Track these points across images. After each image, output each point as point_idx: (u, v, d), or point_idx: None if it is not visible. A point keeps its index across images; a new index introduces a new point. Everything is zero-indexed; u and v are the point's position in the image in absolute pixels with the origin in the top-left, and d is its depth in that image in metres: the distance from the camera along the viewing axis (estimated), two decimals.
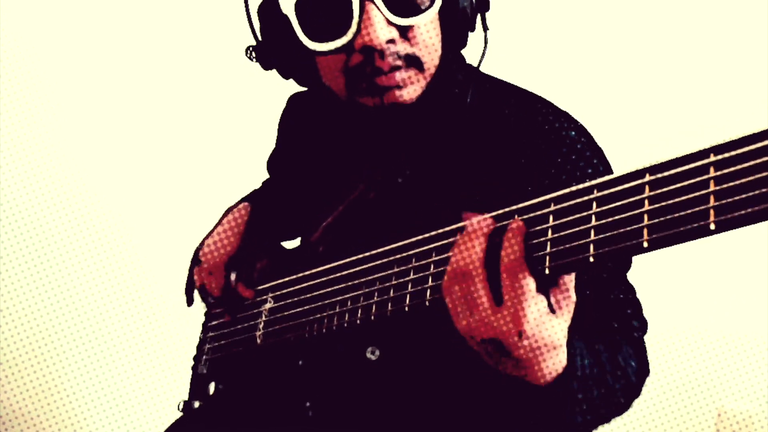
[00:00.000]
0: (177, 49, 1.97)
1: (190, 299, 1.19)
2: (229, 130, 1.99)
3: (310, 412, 1.02)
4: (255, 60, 1.03)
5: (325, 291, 0.94)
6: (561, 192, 0.68)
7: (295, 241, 1.24)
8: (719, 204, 0.54)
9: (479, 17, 0.99)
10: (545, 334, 0.70)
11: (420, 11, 0.91)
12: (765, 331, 1.79)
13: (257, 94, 1.63)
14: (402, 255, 0.84)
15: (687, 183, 0.57)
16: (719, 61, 1.79)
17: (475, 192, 0.93)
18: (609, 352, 0.86)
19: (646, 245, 0.58)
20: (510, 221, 0.71)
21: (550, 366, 0.73)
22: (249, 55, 1.03)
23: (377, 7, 0.89)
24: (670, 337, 1.82)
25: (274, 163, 1.34)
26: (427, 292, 0.79)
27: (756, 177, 0.52)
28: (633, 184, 0.61)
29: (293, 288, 1.01)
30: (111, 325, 2.03)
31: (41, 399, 2.01)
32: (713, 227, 0.54)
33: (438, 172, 0.98)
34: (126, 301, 2.03)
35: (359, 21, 0.89)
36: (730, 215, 0.53)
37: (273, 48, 1.01)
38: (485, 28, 0.99)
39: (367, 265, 0.88)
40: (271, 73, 1.05)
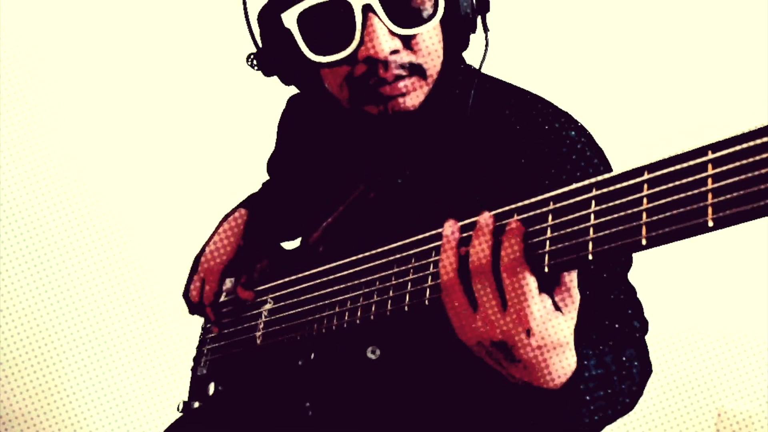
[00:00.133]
0: (177, 51, 1.97)
1: (189, 307, 1.19)
2: (229, 131, 1.99)
3: (309, 412, 1.02)
4: (256, 68, 1.03)
5: (325, 291, 0.94)
6: (560, 191, 0.68)
7: (296, 242, 1.24)
8: (717, 201, 0.54)
9: (480, 19, 0.99)
10: (552, 332, 0.70)
11: (423, 20, 0.91)
12: (765, 331, 1.79)
13: (257, 95, 1.63)
14: (401, 255, 0.84)
15: (685, 180, 0.57)
16: (719, 61, 1.79)
17: (475, 192, 0.93)
18: (613, 353, 0.86)
19: (644, 243, 0.58)
20: (508, 222, 0.71)
21: (559, 367, 0.73)
22: (250, 63, 1.02)
23: (380, 18, 0.88)
24: (670, 337, 1.82)
25: (273, 165, 1.34)
26: (427, 291, 0.79)
27: (753, 174, 0.52)
28: (631, 182, 0.61)
29: (293, 289, 1.01)
30: (111, 325, 2.03)
31: (41, 399, 2.01)
32: (711, 224, 0.54)
33: (438, 172, 0.98)
34: (126, 302, 2.02)
35: (362, 32, 0.88)
36: (727, 212, 0.53)
37: (274, 57, 1.00)
38: (486, 29, 0.99)
39: (367, 266, 0.88)
40: (272, 77, 1.04)
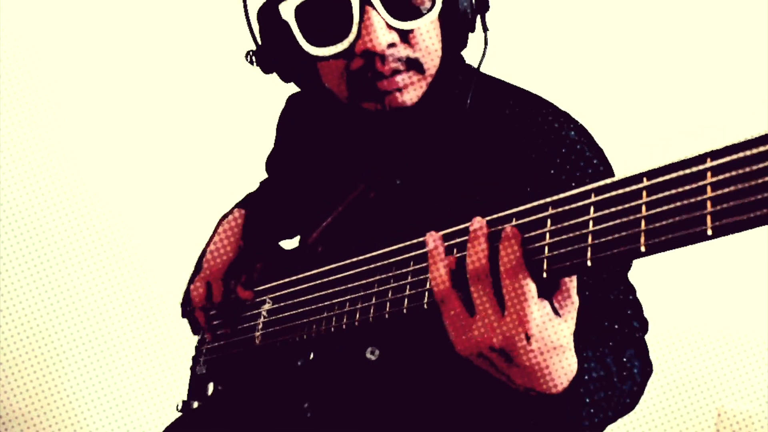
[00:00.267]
0: (176, 51, 1.97)
1: (184, 311, 1.19)
2: (229, 130, 1.99)
3: (308, 412, 1.02)
4: (255, 65, 1.03)
5: (324, 293, 0.94)
6: (558, 196, 0.68)
7: (294, 240, 1.24)
8: (716, 210, 0.54)
9: (479, 18, 0.99)
10: (552, 336, 0.70)
11: (420, 14, 0.91)
12: (765, 331, 1.79)
13: (257, 94, 1.62)
14: (400, 257, 0.83)
15: (684, 188, 0.57)
16: (719, 61, 1.79)
17: (475, 192, 0.93)
18: (613, 353, 0.86)
19: (643, 250, 0.58)
20: (503, 227, 0.70)
21: (560, 371, 0.73)
22: (249, 60, 1.02)
23: (377, 12, 0.88)
24: (670, 337, 1.82)
25: (272, 163, 1.34)
26: (426, 294, 0.78)
27: (753, 183, 0.52)
28: (630, 188, 0.61)
29: (292, 289, 1.01)
30: (111, 325, 2.03)
31: (41, 399, 2.01)
32: (710, 233, 0.54)
33: (438, 172, 0.98)
34: (126, 302, 2.03)
35: (359, 25, 0.88)
36: (726, 221, 0.53)
37: (273, 53, 1.00)
38: (485, 28, 0.99)
39: (366, 267, 0.88)
40: (271, 75, 1.04)
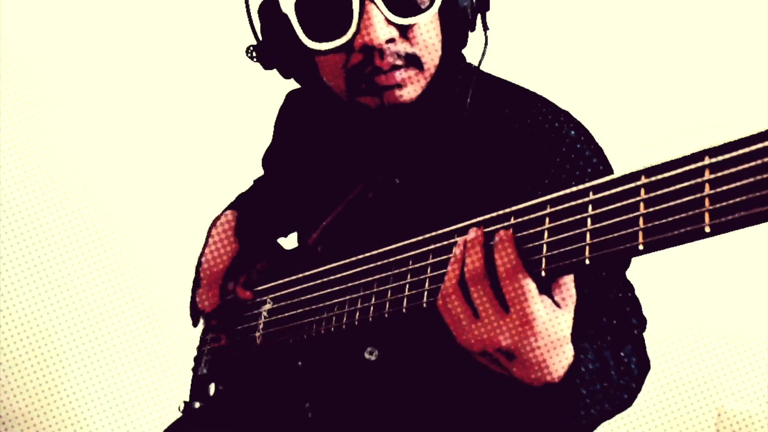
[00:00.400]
0: (176, 49, 1.97)
1: (195, 320, 1.18)
2: (229, 129, 1.99)
3: (309, 413, 1.02)
4: (255, 60, 1.03)
5: (324, 293, 0.94)
6: (557, 194, 0.68)
7: (290, 238, 1.23)
8: (714, 207, 0.54)
9: (479, 17, 0.99)
10: (557, 329, 0.71)
11: (420, 10, 0.91)
12: (765, 331, 1.79)
13: (257, 93, 1.62)
14: (399, 257, 0.83)
15: (682, 185, 0.57)
16: (719, 61, 1.79)
17: (475, 192, 0.93)
18: (611, 348, 0.86)
19: (641, 248, 0.58)
20: (497, 232, 0.71)
21: (557, 361, 0.73)
22: (249, 55, 1.03)
23: (377, 7, 0.88)
24: (669, 337, 1.82)
25: (269, 160, 1.34)
26: (425, 294, 0.78)
27: (751, 180, 0.52)
28: (629, 186, 0.61)
29: (292, 289, 1.01)
30: (111, 325, 2.03)
31: (41, 399, 2.01)
32: (708, 230, 0.54)
33: (438, 172, 0.98)
34: (126, 302, 2.02)
35: (359, 20, 0.88)
36: (725, 218, 0.53)
37: (273, 47, 1.00)
38: (485, 27, 0.99)
39: (365, 267, 0.88)
40: (271, 72, 1.05)
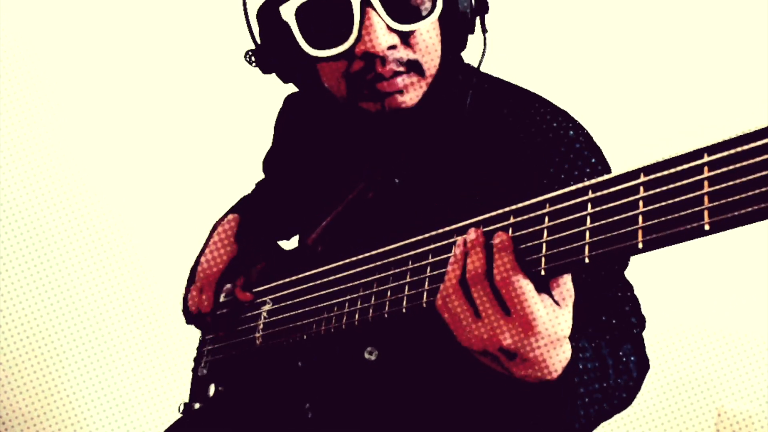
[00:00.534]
0: (176, 51, 1.97)
1: (188, 319, 1.18)
2: (229, 130, 1.99)
3: (309, 413, 1.02)
4: (254, 65, 1.03)
5: (324, 293, 0.94)
6: (556, 193, 0.68)
7: (292, 241, 1.24)
8: (713, 205, 0.54)
9: (478, 20, 0.99)
10: (557, 329, 0.71)
11: (421, 17, 0.91)
12: (765, 331, 1.79)
13: (256, 94, 1.62)
14: (399, 257, 0.83)
15: (681, 183, 0.57)
16: (719, 61, 1.79)
17: (475, 192, 0.93)
18: (610, 347, 0.86)
19: (641, 246, 0.58)
20: (497, 235, 0.71)
21: (555, 358, 0.73)
22: (248, 60, 1.02)
23: (378, 14, 0.88)
24: (669, 336, 1.82)
25: (270, 163, 1.34)
26: (424, 294, 0.78)
27: (750, 177, 0.52)
28: (628, 184, 0.61)
29: (292, 290, 1.01)
30: (111, 325, 2.03)
31: (41, 399, 2.01)
32: (708, 228, 0.54)
33: (437, 172, 0.98)
34: (126, 302, 2.02)
35: (360, 27, 0.88)
36: (724, 216, 0.53)
37: (272, 53, 1.00)
38: (484, 30, 0.99)
39: (365, 267, 0.88)
40: (270, 76, 1.04)
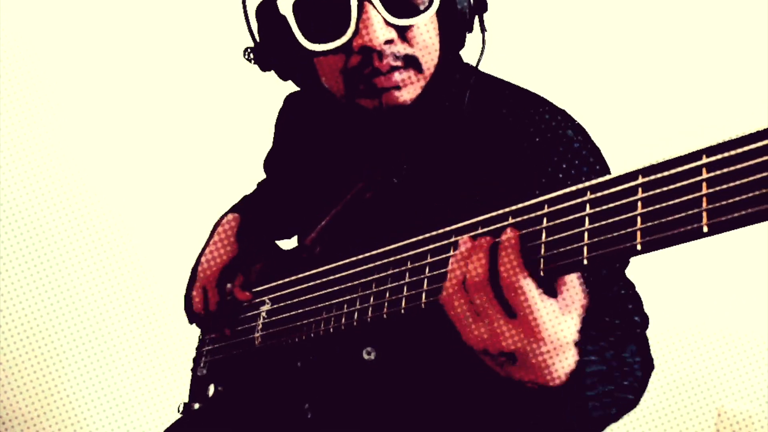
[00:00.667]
0: (175, 50, 1.97)
1: (190, 318, 1.18)
2: (229, 129, 1.99)
3: (308, 413, 1.02)
4: (253, 62, 1.03)
5: (322, 293, 0.94)
6: (554, 194, 0.67)
7: (292, 241, 1.24)
8: (712, 207, 0.53)
9: (477, 18, 0.99)
10: (560, 335, 0.70)
11: (418, 12, 0.91)
12: (765, 331, 1.79)
13: (256, 94, 1.62)
14: (398, 257, 0.83)
15: (680, 185, 0.56)
16: (719, 61, 1.79)
17: (474, 191, 0.93)
18: (614, 349, 0.86)
19: (639, 248, 0.58)
20: (504, 232, 0.70)
21: (559, 368, 0.73)
22: (247, 57, 1.03)
23: (375, 8, 0.88)
24: (670, 336, 1.81)
25: (270, 163, 1.34)
26: (423, 294, 0.78)
27: (749, 179, 0.52)
28: (626, 186, 0.61)
29: (291, 290, 1.01)
30: (111, 325, 2.03)
31: (41, 399, 2.01)
32: (706, 230, 0.54)
33: (436, 172, 0.98)
34: (126, 302, 2.02)
35: (357, 21, 0.88)
36: (722, 218, 0.53)
37: (271, 49, 1.00)
38: (483, 29, 0.99)
39: (364, 267, 0.88)
40: (270, 74, 1.04)
